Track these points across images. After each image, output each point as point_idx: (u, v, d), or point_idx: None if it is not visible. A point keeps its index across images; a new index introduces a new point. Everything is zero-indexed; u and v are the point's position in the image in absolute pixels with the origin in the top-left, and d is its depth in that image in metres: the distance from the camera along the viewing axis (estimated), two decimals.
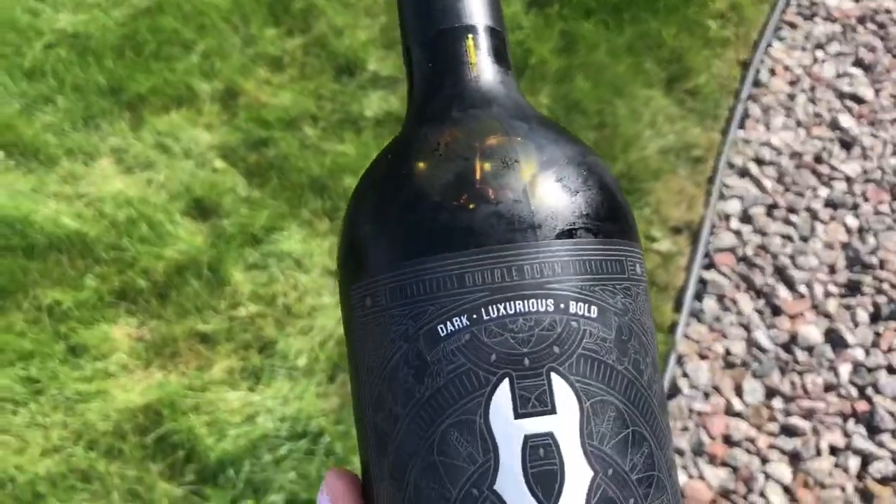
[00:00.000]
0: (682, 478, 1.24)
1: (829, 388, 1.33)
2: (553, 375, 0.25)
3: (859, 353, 1.36)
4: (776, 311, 1.43)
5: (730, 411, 1.31)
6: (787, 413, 1.31)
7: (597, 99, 1.77)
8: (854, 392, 1.32)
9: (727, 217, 1.59)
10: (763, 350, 1.38)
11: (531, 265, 0.25)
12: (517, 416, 0.25)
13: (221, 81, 1.89)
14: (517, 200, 0.26)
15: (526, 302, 0.25)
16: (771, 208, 1.59)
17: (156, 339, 1.40)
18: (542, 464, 0.25)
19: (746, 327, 1.41)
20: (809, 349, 1.38)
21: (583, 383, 0.25)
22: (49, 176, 1.71)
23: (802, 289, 1.45)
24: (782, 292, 1.45)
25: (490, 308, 0.25)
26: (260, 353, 1.39)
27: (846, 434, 1.27)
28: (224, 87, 1.88)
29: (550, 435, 0.25)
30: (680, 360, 1.37)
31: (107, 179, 1.70)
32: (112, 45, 1.94)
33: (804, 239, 1.53)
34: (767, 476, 1.23)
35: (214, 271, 1.50)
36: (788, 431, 1.28)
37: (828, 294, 1.44)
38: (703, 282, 1.48)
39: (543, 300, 0.25)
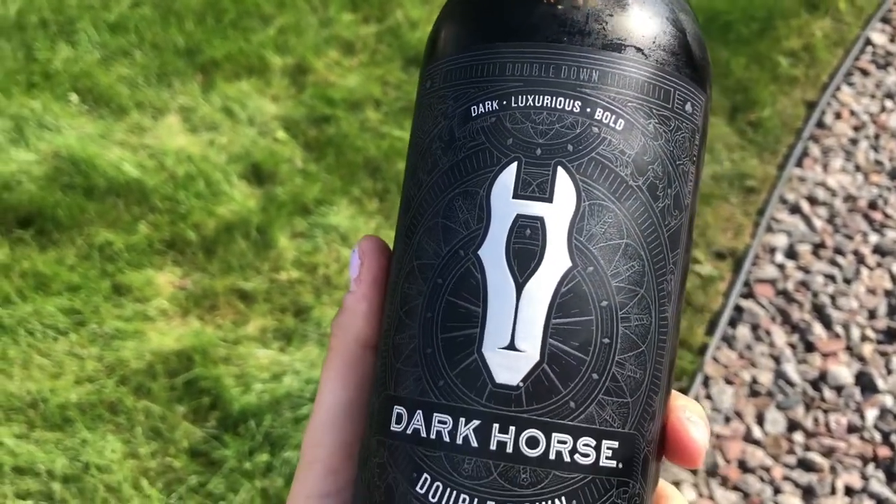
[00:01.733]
0: (691, 495, 1.24)
1: (852, 429, 1.32)
2: (559, 169, 0.27)
3: (888, 400, 1.35)
4: (809, 347, 1.42)
5: (748, 438, 1.31)
6: (807, 448, 1.30)
7: None
8: (878, 437, 1.31)
9: (772, 250, 1.58)
10: (791, 384, 1.38)
11: (569, 66, 0.27)
12: (515, 195, 0.27)
13: (293, 57, 1.94)
14: (575, 7, 0.27)
15: (554, 98, 0.27)
16: (818, 247, 1.58)
17: (197, 290, 1.45)
18: (526, 242, 0.26)
19: (777, 359, 1.41)
20: (838, 389, 1.37)
21: (587, 184, 0.27)
22: (117, 124, 1.77)
23: (839, 329, 1.44)
24: (818, 330, 1.44)
25: (520, 97, 0.27)
26: (295, 317, 1.42)
27: (864, 477, 1.26)
28: (295, 62, 1.93)
29: (541, 220, 0.26)
30: (706, 382, 1.37)
31: (171, 135, 1.75)
32: (194, 10, 2.00)
33: (847, 281, 1.52)
34: None
35: (262, 234, 1.54)
36: (805, 466, 1.28)
37: (864, 338, 1.43)
38: (739, 309, 1.48)
39: (572, 100, 0.27)
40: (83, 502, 1.17)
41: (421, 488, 0.26)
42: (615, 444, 0.26)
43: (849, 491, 1.25)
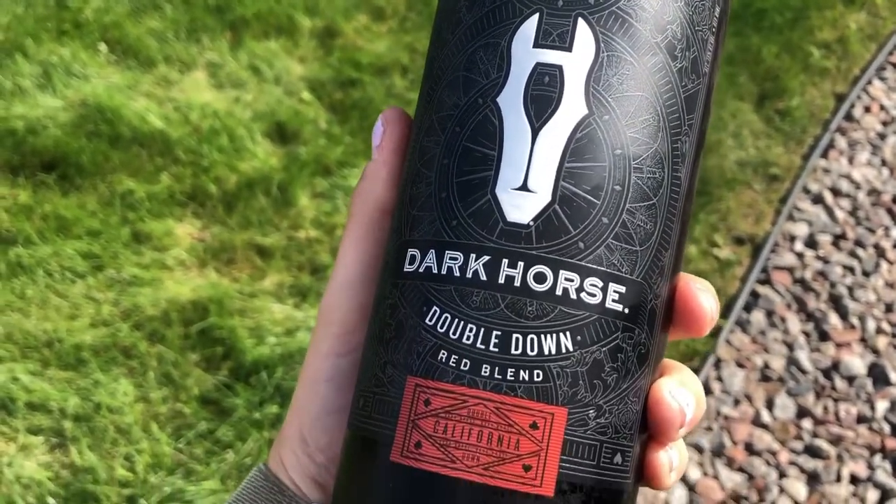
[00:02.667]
0: (696, 473, 1.24)
1: (861, 419, 1.32)
2: (580, 20, 0.27)
3: None
4: (823, 336, 1.42)
5: (757, 421, 1.31)
6: (815, 435, 1.30)
7: None
8: (887, 428, 1.30)
9: (792, 238, 1.57)
10: (802, 371, 1.37)
11: None
12: (535, 45, 0.27)
13: (323, 20, 1.94)
14: None
15: None
16: (838, 238, 1.57)
17: (215, 243, 1.45)
18: (544, 89, 0.27)
19: (790, 346, 1.40)
20: (850, 379, 1.36)
21: (606, 36, 0.27)
22: (145, 76, 1.78)
23: (854, 320, 1.43)
24: (833, 319, 1.44)
25: None
26: (311, 275, 1.42)
27: (870, 467, 1.26)
28: (324, 25, 1.92)
29: (559, 68, 0.27)
30: (717, 364, 1.37)
31: (198, 90, 1.76)
32: None
33: (866, 274, 1.51)
34: (782, 490, 1.23)
35: (283, 192, 1.54)
36: (812, 452, 1.28)
37: (879, 331, 1.42)
38: (755, 295, 1.47)
39: None
40: (94, 441, 1.18)
41: (430, 320, 0.27)
42: (622, 288, 0.27)
43: (854, 479, 1.25)
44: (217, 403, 1.23)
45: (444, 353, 0.26)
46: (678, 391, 0.29)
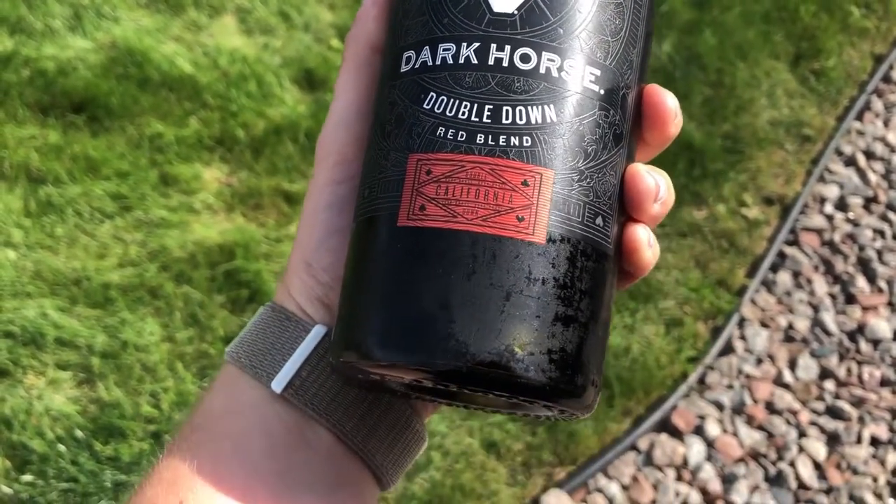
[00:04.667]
0: (715, 430, 1.24)
1: (885, 383, 1.31)
2: None
3: None
4: (850, 299, 1.41)
5: (778, 381, 1.30)
6: (837, 396, 1.29)
7: (720, 57, 1.74)
8: None
9: (823, 200, 1.55)
10: (827, 333, 1.36)
11: None
12: None
13: None
14: None
15: None
16: (870, 201, 1.55)
17: (242, 188, 1.46)
18: None
19: (815, 308, 1.39)
20: (875, 342, 1.35)
21: None
22: (174, 21, 1.77)
23: (882, 284, 1.42)
24: (861, 283, 1.42)
25: None
26: None
27: (892, 430, 1.26)
28: None
29: None
30: (741, 323, 1.37)
31: (227, 35, 1.75)
32: None
33: None
34: (801, 449, 1.23)
35: (310, 139, 1.54)
36: (833, 413, 1.27)
37: None
38: (782, 255, 1.46)
39: None
40: (120, 378, 1.20)
41: (427, 104, 0.30)
42: (597, 71, 0.31)
43: (875, 441, 1.25)
44: None
45: (441, 129, 0.30)
46: (652, 170, 0.32)
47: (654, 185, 0.32)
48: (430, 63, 0.30)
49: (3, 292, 1.27)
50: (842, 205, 1.55)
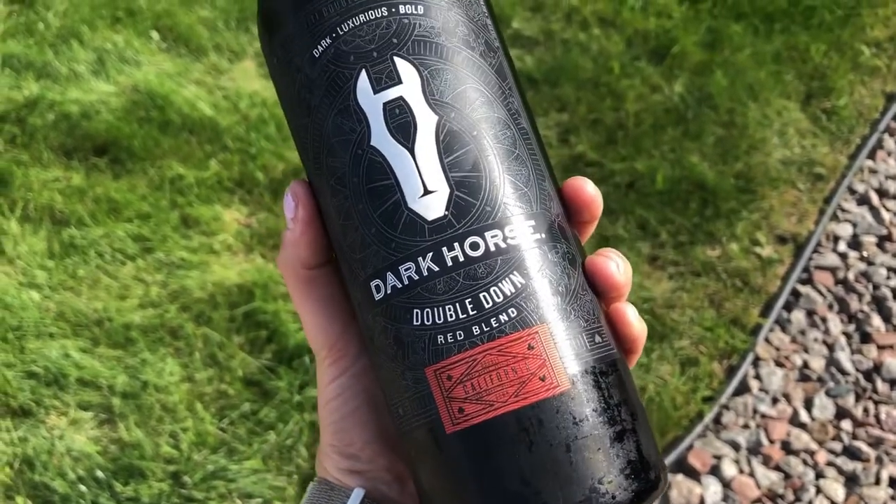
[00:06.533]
0: (732, 470, 1.24)
1: None
2: (395, 58, 0.34)
3: None
4: (865, 338, 1.41)
5: (794, 421, 1.30)
6: (854, 437, 1.29)
7: (731, 98, 1.76)
8: None
9: (836, 238, 1.56)
10: (843, 372, 1.36)
11: None
12: (375, 91, 0.34)
13: None
14: None
15: (366, 14, 0.35)
16: (883, 240, 1.56)
17: (262, 229, 1.48)
18: (399, 119, 0.34)
19: (830, 347, 1.40)
20: (892, 382, 1.35)
21: (419, 59, 0.34)
22: (195, 64, 1.81)
23: None
24: (876, 321, 1.43)
25: (342, 26, 0.35)
26: None
27: None
28: None
29: (401, 98, 0.34)
30: (756, 363, 1.37)
31: (247, 79, 1.79)
32: None
33: None
34: (819, 490, 1.23)
35: None
36: (851, 454, 1.27)
37: None
38: (796, 294, 1.46)
39: (379, 9, 0.35)
40: (140, 418, 1.21)
41: (417, 321, 0.33)
42: (532, 221, 0.34)
43: (893, 482, 1.24)
44: (260, 385, 1.25)
45: (440, 337, 0.33)
46: (604, 253, 0.36)
47: (615, 266, 0.36)
48: (399, 286, 0.33)
49: (27, 333, 1.30)
50: (855, 243, 1.56)
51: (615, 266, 0.35)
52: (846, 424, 1.30)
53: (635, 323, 0.36)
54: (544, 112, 1.75)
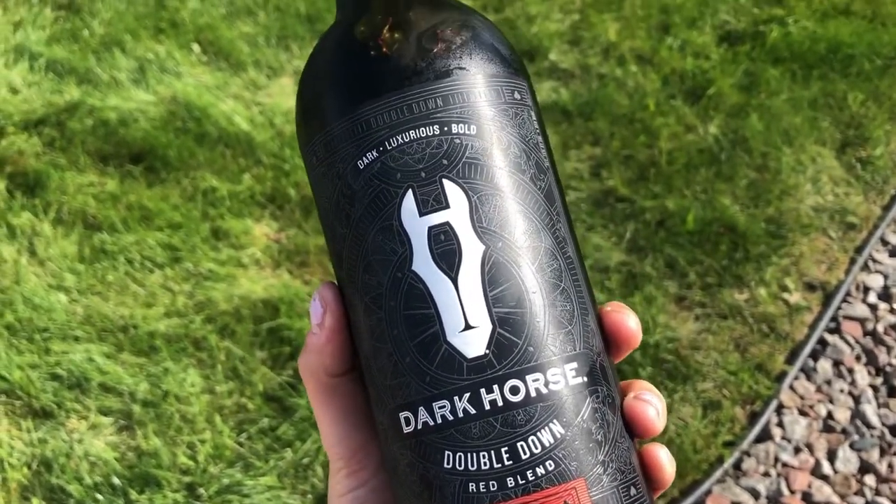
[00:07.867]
0: None
1: None
2: (444, 181, 0.33)
3: None
4: (892, 392, 1.39)
5: (817, 472, 1.28)
6: (878, 493, 1.27)
7: (765, 142, 1.75)
8: None
9: (866, 289, 1.55)
10: (869, 426, 1.34)
11: (417, 102, 0.33)
12: (421, 214, 0.33)
13: None
14: (401, 55, 0.34)
15: (417, 130, 0.33)
16: None
17: (290, 245, 1.49)
18: (444, 245, 0.32)
19: (856, 399, 1.38)
20: None
21: (469, 183, 0.33)
22: (234, 79, 1.83)
23: None
24: None
25: (391, 140, 0.33)
26: None
27: None
28: None
29: (447, 224, 0.32)
30: (779, 410, 1.35)
31: (284, 95, 1.80)
32: None
33: None
34: None
35: None
36: None
37: None
38: (823, 343, 1.45)
39: (430, 127, 0.33)
40: (159, 427, 1.22)
41: (448, 464, 0.31)
42: (575, 364, 0.32)
43: None
44: (280, 401, 1.25)
45: (472, 485, 0.31)
46: (643, 396, 0.35)
47: (655, 412, 0.34)
48: (431, 423, 0.32)
49: (53, 335, 1.31)
50: (886, 295, 1.54)
51: (655, 413, 0.34)
52: (869, 479, 1.28)
53: (668, 468, 0.35)
54: (577, 145, 1.75)
